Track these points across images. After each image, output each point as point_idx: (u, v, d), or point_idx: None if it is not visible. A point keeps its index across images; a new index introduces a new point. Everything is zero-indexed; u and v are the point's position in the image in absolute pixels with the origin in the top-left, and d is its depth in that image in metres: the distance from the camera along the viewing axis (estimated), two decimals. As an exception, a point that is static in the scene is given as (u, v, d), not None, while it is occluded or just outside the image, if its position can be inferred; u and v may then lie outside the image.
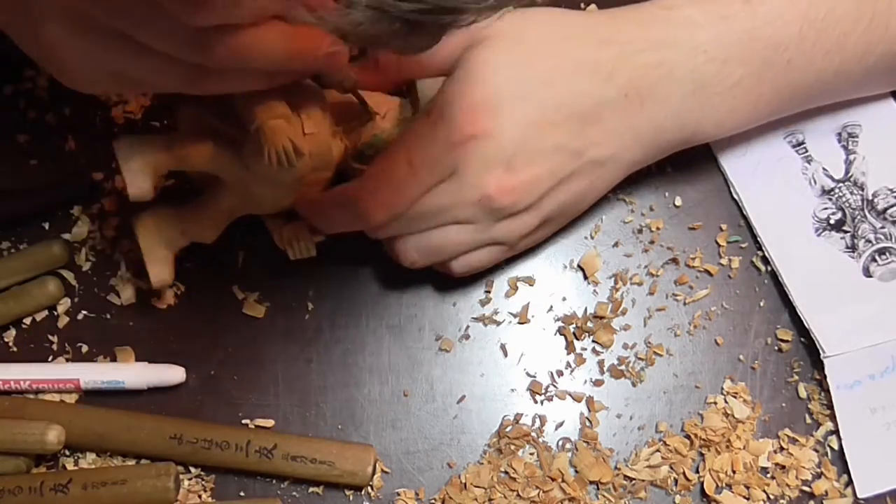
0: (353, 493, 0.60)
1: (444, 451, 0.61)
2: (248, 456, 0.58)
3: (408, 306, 0.63)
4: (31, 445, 0.57)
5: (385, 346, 0.62)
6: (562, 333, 0.62)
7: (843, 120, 0.63)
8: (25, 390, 0.60)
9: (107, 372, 0.61)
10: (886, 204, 0.62)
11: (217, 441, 0.58)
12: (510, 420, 0.61)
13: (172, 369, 0.61)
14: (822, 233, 0.62)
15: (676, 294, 0.63)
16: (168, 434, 0.59)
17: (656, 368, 0.62)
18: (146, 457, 0.60)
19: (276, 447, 0.58)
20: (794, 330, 0.62)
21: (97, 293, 0.63)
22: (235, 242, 0.63)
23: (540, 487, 0.59)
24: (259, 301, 0.62)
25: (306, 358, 0.62)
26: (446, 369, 0.62)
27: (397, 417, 0.61)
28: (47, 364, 0.61)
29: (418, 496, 0.60)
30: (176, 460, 0.59)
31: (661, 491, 0.60)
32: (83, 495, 0.57)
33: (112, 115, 0.65)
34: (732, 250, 0.63)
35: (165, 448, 0.59)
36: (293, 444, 0.59)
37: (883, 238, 0.61)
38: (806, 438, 0.61)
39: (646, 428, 0.61)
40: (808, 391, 0.61)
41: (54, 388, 0.60)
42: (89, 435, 0.59)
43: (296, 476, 0.59)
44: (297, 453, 0.58)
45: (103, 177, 0.64)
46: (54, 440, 0.57)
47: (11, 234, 0.63)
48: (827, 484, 0.60)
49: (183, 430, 0.59)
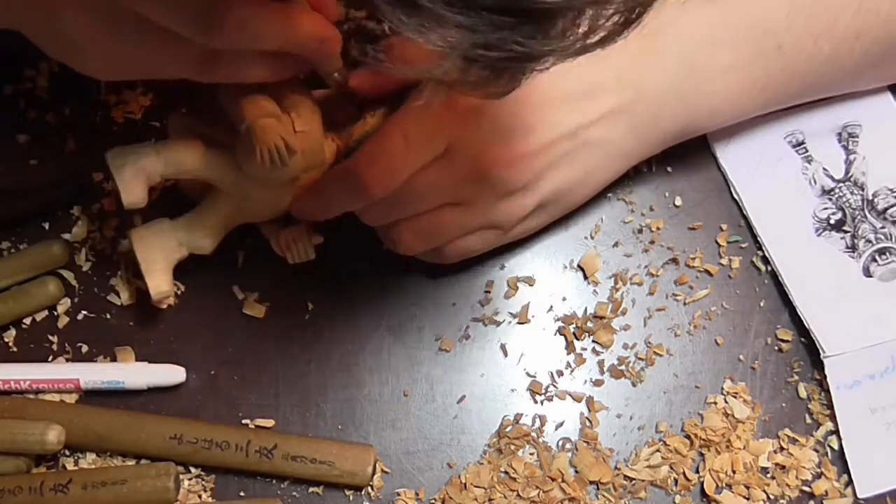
0: (353, 493, 0.60)
1: (444, 451, 0.61)
2: (248, 456, 0.58)
3: (408, 306, 0.63)
4: (31, 445, 0.57)
5: (385, 346, 0.62)
6: (562, 333, 0.62)
7: (844, 120, 0.63)
8: (25, 390, 0.60)
9: (107, 372, 0.61)
10: (886, 204, 0.62)
11: (217, 441, 0.58)
12: (510, 420, 0.61)
13: (172, 369, 0.61)
14: (822, 233, 0.62)
15: (676, 294, 0.63)
16: (168, 434, 0.59)
17: (656, 368, 0.62)
18: (146, 457, 0.60)
19: (276, 447, 0.58)
20: (794, 330, 0.62)
21: (97, 293, 0.63)
22: (235, 242, 0.63)
23: (540, 487, 0.59)
24: (259, 301, 0.62)
25: (306, 358, 0.62)
26: (446, 369, 0.62)
27: (397, 417, 0.61)
28: (47, 364, 0.61)
29: (418, 496, 0.60)
30: (176, 460, 0.59)
31: (661, 491, 0.60)
32: (83, 495, 0.57)
33: (112, 115, 0.65)
34: (732, 250, 0.63)
35: (166, 448, 0.59)
36: (293, 445, 0.59)
37: (883, 238, 0.61)
38: (806, 438, 0.61)
39: (646, 428, 0.61)
40: (808, 391, 0.61)
41: (54, 388, 0.60)
42: (89, 435, 0.59)
43: (296, 476, 0.59)
44: (297, 453, 0.58)
45: (103, 177, 0.64)
46: (54, 440, 0.57)
47: (11, 234, 0.63)
48: (827, 484, 0.60)
49: (183, 430, 0.59)
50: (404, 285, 0.62)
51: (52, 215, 0.63)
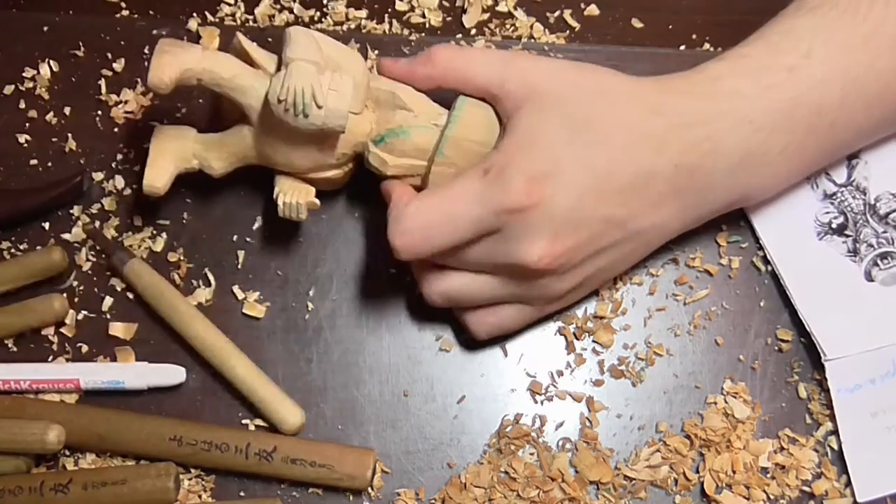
0: (354, 494, 0.60)
1: (444, 451, 0.61)
2: (247, 458, 0.58)
3: (408, 306, 0.62)
4: (32, 445, 0.57)
5: (385, 346, 0.62)
6: (562, 333, 0.62)
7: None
8: (25, 390, 0.60)
9: (107, 372, 0.61)
10: (888, 208, 0.62)
11: (217, 443, 0.58)
12: (510, 420, 0.61)
13: (172, 369, 0.61)
14: (823, 237, 0.62)
15: (676, 294, 0.63)
16: (168, 436, 0.59)
17: (656, 368, 0.62)
18: (146, 458, 0.60)
19: (275, 450, 0.58)
20: (794, 330, 0.62)
21: (97, 293, 0.63)
22: (235, 242, 0.63)
23: (540, 487, 0.59)
24: (259, 301, 0.62)
25: (306, 358, 0.62)
26: (446, 369, 0.62)
27: (397, 417, 0.61)
28: (47, 364, 0.61)
29: (418, 496, 0.60)
30: (176, 461, 0.59)
31: (661, 491, 0.60)
32: (83, 495, 0.57)
33: (112, 115, 0.64)
34: (732, 250, 0.63)
35: (165, 449, 0.59)
36: (293, 447, 0.59)
37: (885, 242, 0.61)
38: (806, 438, 0.61)
39: (646, 428, 0.61)
40: (808, 391, 0.61)
41: (54, 389, 0.60)
42: (89, 435, 0.59)
43: (295, 479, 0.59)
44: (296, 456, 0.58)
45: (103, 177, 0.64)
46: (54, 440, 0.57)
47: (11, 235, 0.63)
48: (827, 484, 0.60)
49: (183, 431, 0.59)
50: (404, 285, 0.62)
51: (52, 215, 0.63)
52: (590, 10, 0.66)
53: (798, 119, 0.55)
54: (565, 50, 0.65)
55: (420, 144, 0.57)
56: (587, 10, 0.66)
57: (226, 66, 0.55)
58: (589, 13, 0.66)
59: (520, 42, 0.65)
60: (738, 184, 0.56)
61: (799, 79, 0.54)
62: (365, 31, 0.65)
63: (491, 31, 0.66)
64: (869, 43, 0.54)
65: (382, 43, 0.65)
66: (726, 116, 0.54)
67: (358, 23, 0.65)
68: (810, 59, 0.54)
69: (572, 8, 0.66)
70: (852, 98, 0.55)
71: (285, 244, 0.63)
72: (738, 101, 0.54)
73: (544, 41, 0.65)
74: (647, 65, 0.64)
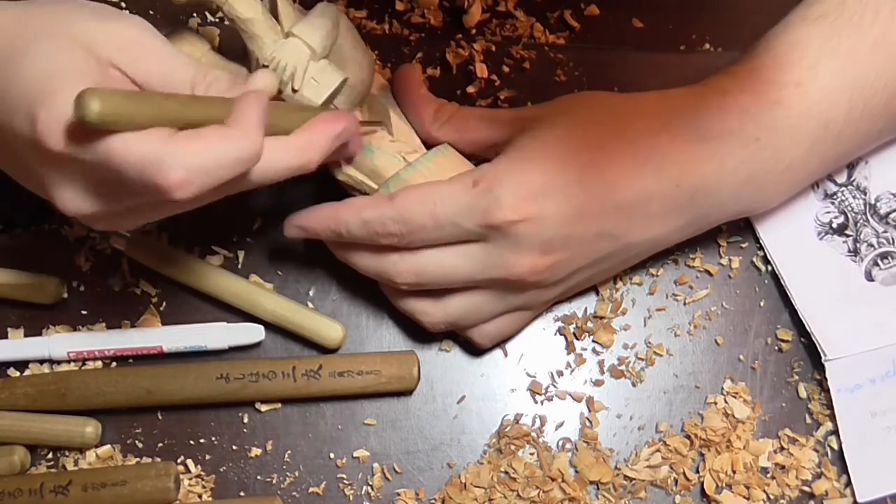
0: (354, 494, 0.60)
1: (444, 451, 0.61)
2: (296, 381, 0.59)
3: (408, 306, 0.63)
4: (72, 439, 0.59)
5: (385, 346, 0.62)
6: (562, 333, 0.62)
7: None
8: (107, 357, 0.61)
9: (189, 336, 0.60)
10: (889, 208, 0.62)
11: (263, 373, 0.59)
12: (510, 420, 0.61)
13: (252, 328, 0.61)
14: (824, 236, 0.62)
15: (676, 294, 0.63)
16: (214, 375, 0.59)
17: (656, 368, 0.62)
18: (196, 403, 0.60)
19: (321, 367, 0.59)
20: (794, 330, 0.62)
21: (97, 293, 0.62)
22: (236, 242, 0.63)
23: (540, 487, 0.59)
24: (259, 301, 0.62)
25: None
26: (446, 369, 0.62)
27: (397, 417, 0.61)
28: (129, 331, 0.61)
29: (418, 496, 0.60)
30: (227, 400, 0.59)
31: (661, 491, 0.60)
32: (83, 497, 0.57)
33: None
34: (732, 250, 0.63)
35: (214, 389, 0.59)
36: (338, 362, 0.59)
37: (885, 242, 0.61)
38: (806, 438, 0.61)
39: (646, 428, 0.61)
40: (808, 391, 0.61)
41: (138, 355, 0.61)
42: (137, 391, 0.59)
43: (345, 393, 0.59)
44: (342, 369, 0.59)
45: (103, 177, 0.64)
46: (92, 433, 0.59)
47: (11, 235, 0.63)
48: (827, 484, 0.60)
49: (228, 368, 0.59)
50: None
51: (52, 215, 0.63)
52: (590, 10, 0.66)
53: (805, 133, 0.54)
54: (565, 50, 0.65)
55: (378, 168, 0.56)
56: (587, 10, 0.66)
57: (248, 6, 0.53)
58: (589, 13, 0.66)
59: (520, 42, 0.65)
60: (739, 202, 0.56)
61: (807, 92, 0.54)
62: (365, 30, 0.65)
63: (491, 31, 0.65)
64: (876, 50, 0.54)
65: (382, 43, 0.65)
66: (731, 134, 0.54)
67: (358, 23, 0.65)
68: (817, 71, 0.54)
69: (572, 8, 0.66)
70: (859, 108, 0.55)
71: (285, 244, 0.63)
72: (744, 118, 0.54)
73: (544, 41, 0.65)
74: (647, 65, 0.64)
